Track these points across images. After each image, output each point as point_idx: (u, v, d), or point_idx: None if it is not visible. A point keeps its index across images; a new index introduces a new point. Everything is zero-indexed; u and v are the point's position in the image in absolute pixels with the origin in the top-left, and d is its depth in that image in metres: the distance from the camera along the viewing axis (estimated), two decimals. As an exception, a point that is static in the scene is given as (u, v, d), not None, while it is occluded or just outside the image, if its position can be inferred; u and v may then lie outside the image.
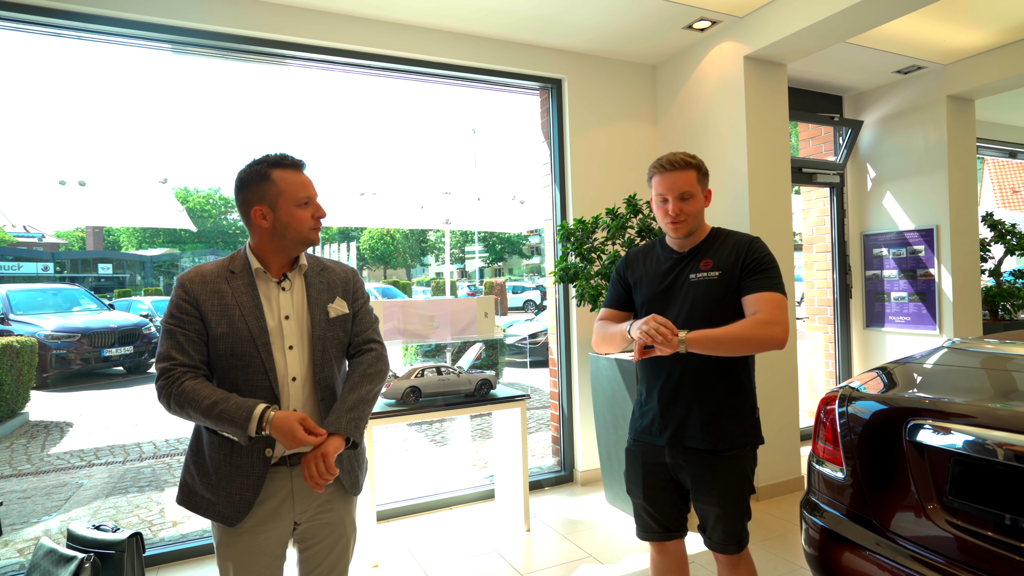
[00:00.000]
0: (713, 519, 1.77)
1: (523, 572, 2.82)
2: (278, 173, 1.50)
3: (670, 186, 1.77)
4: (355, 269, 1.73)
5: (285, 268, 1.57)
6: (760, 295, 1.69)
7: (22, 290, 10.32)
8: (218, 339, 1.46)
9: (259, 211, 1.49)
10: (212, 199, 34.99)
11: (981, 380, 1.78)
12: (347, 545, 1.65)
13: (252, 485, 1.47)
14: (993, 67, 4.06)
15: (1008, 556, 1.33)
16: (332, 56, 3.34)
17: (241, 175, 1.52)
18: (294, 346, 1.53)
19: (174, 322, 1.46)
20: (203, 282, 1.49)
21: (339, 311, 1.60)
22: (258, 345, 1.47)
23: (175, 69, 44.24)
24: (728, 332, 1.63)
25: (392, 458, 4.96)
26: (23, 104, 33.33)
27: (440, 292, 21.16)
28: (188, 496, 1.53)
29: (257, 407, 1.40)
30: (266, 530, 1.52)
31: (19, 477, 4.89)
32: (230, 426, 1.39)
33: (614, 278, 2.00)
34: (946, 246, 4.30)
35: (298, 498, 1.55)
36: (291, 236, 1.51)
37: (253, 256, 1.54)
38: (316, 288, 1.59)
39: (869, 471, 1.68)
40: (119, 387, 9.12)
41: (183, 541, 3.15)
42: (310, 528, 1.59)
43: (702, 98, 3.84)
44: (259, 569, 1.52)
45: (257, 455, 1.48)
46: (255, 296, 1.50)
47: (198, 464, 1.52)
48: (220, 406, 1.39)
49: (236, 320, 1.47)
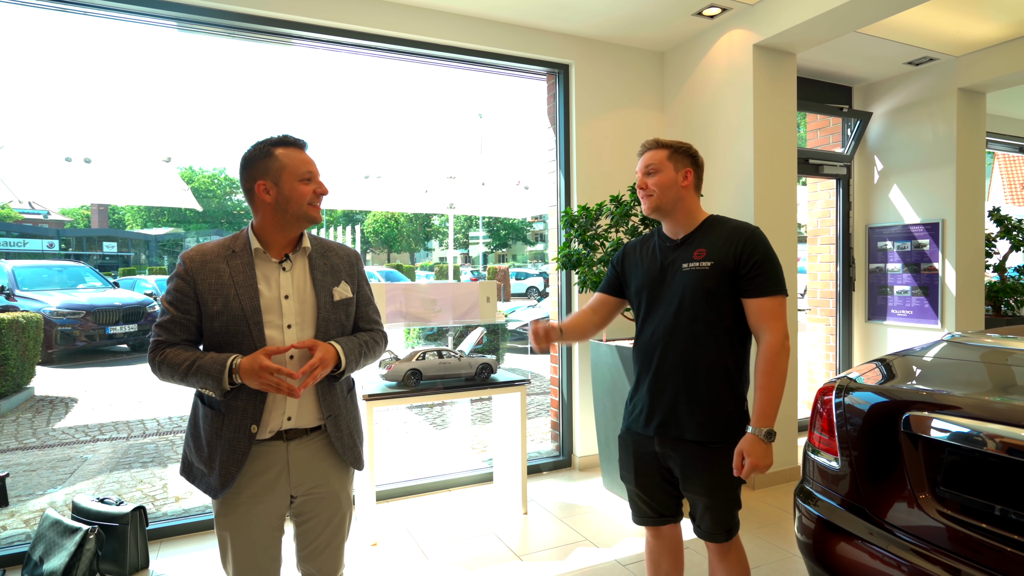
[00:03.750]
0: (701, 509, 1.78)
1: (520, 554, 2.86)
2: (281, 151, 1.54)
3: (640, 165, 1.85)
4: (358, 252, 1.76)
5: (287, 248, 1.60)
6: (762, 304, 1.70)
7: (28, 266, 10.36)
8: (213, 317, 1.51)
9: (263, 185, 1.53)
10: (217, 179, 34.97)
11: (980, 373, 1.79)
12: (343, 519, 1.69)
13: (236, 459, 1.51)
14: (1006, 60, 4.01)
15: (997, 546, 1.35)
16: (339, 37, 3.32)
17: (246, 155, 1.57)
18: (292, 325, 1.56)
19: (170, 298, 1.53)
20: (203, 261, 1.53)
21: (343, 295, 1.64)
22: (250, 324, 1.50)
23: (181, 47, 44.00)
24: (773, 392, 1.68)
25: (392, 440, 5.01)
26: (30, 81, 33.25)
27: (443, 277, 21.17)
28: (187, 467, 1.61)
29: (229, 357, 1.46)
30: (261, 502, 1.55)
31: (25, 450, 4.96)
32: (207, 379, 1.45)
33: (610, 264, 2.04)
34: (951, 240, 4.28)
35: (294, 472, 1.58)
36: (292, 210, 1.54)
37: (254, 236, 1.57)
38: (320, 270, 1.62)
39: (864, 461, 1.69)
40: (123, 364, 9.19)
41: (185, 516, 3.20)
42: (307, 502, 1.62)
43: (710, 86, 3.81)
44: (257, 540, 1.56)
45: (243, 430, 1.51)
46: (251, 276, 1.53)
47: (194, 436, 1.58)
48: (198, 362, 1.46)
49: (231, 299, 1.51)
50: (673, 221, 1.84)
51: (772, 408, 1.67)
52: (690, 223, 1.83)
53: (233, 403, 1.51)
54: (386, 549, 2.91)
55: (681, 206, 1.82)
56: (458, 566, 2.75)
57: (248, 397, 1.51)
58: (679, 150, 1.83)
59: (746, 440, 1.66)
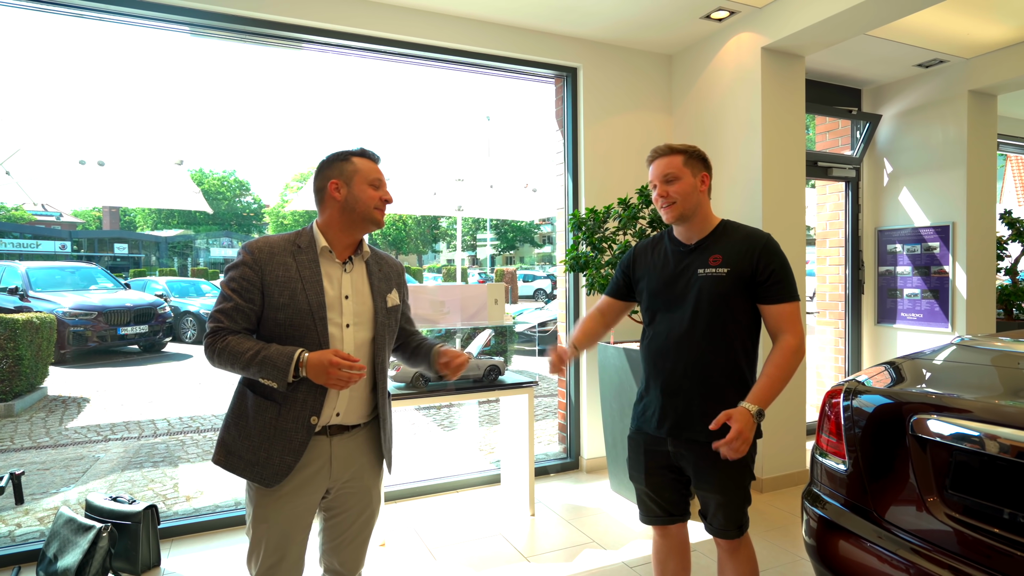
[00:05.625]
0: (714, 507, 1.80)
1: (527, 555, 2.87)
2: (358, 159, 1.64)
3: (656, 172, 1.84)
4: (402, 263, 1.88)
5: (349, 250, 1.66)
6: (781, 309, 1.75)
7: (41, 267, 10.49)
8: (279, 309, 1.53)
9: (335, 184, 1.60)
10: (227, 181, 35.21)
11: (990, 377, 1.78)
12: (371, 516, 1.72)
13: (294, 449, 1.53)
14: (1017, 62, 3.99)
15: (1006, 550, 1.35)
16: (348, 41, 3.35)
17: (325, 158, 1.66)
18: (351, 325, 1.61)
19: (234, 286, 1.53)
20: (271, 252, 1.56)
21: (394, 302, 1.73)
22: (315, 319, 1.54)
23: (193, 52, 44.38)
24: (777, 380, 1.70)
25: (401, 441, 5.03)
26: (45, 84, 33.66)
27: (451, 279, 21.22)
28: (225, 456, 1.58)
29: (297, 350, 1.48)
30: (301, 494, 1.58)
31: (39, 449, 5.02)
32: (272, 369, 1.46)
33: (618, 267, 2.05)
34: (962, 243, 4.26)
35: (335, 467, 1.62)
36: (359, 210, 1.60)
37: (320, 234, 1.63)
38: (376, 277, 1.70)
39: (871, 464, 1.69)
40: (134, 365, 9.28)
41: (196, 515, 3.23)
42: (340, 497, 1.66)
43: (718, 89, 3.81)
44: (291, 532, 1.58)
45: (302, 421, 1.54)
46: (317, 272, 1.58)
47: (240, 426, 1.57)
48: (263, 352, 1.47)
49: (298, 293, 1.54)
50: (690, 227, 1.85)
51: (771, 394, 1.69)
52: (704, 228, 1.84)
53: (293, 394, 1.53)
54: (394, 549, 2.93)
55: (700, 211, 1.83)
56: (466, 567, 2.76)
57: (308, 389, 1.54)
58: (693, 155, 1.84)
59: (738, 410, 1.65)
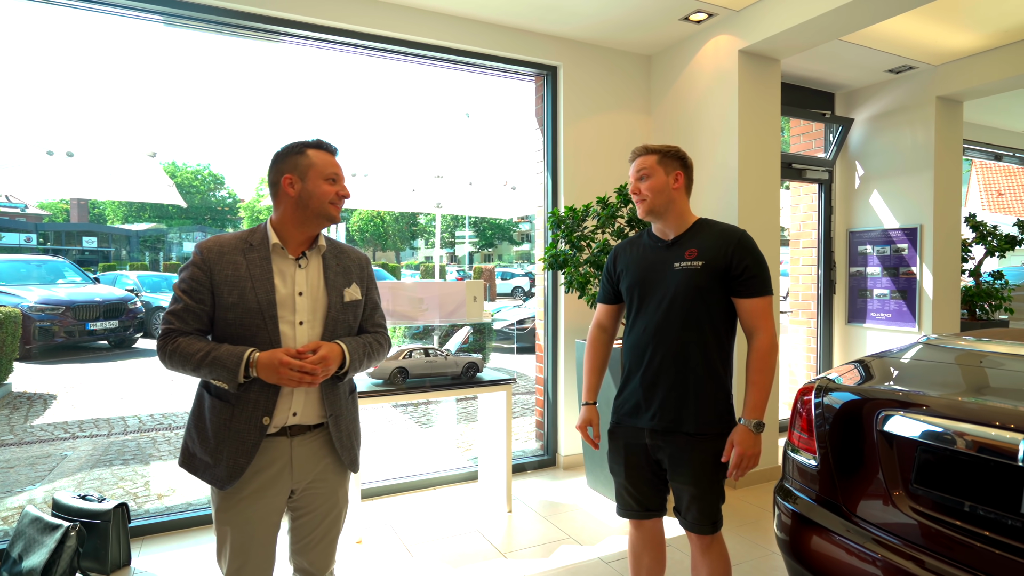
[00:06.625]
0: (687, 499, 1.84)
1: (504, 551, 2.88)
2: (313, 151, 1.60)
3: (632, 170, 1.92)
4: (368, 257, 1.80)
5: (304, 246, 1.62)
6: (754, 304, 1.80)
7: (5, 260, 10.17)
8: (228, 308, 1.51)
9: (288, 179, 1.57)
10: (201, 175, 34.50)
11: (954, 375, 1.84)
12: (339, 516, 1.71)
13: (246, 451, 1.51)
14: (983, 69, 4.11)
15: (966, 541, 1.40)
16: (327, 35, 3.32)
17: (279, 151, 1.61)
18: (304, 322, 1.58)
19: (184, 287, 1.52)
20: (220, 252, 1.54)
21: (353, 296, 1.67)
22: (265, 318, 1.52)
23: (167, 42, 43.30)
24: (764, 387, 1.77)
25: (377, 438, 5.00)
26: (9, 71, 32.60)
27: (429, 276, 21.11)
28: (188, 459, 1.59)
29: (247, 350, 1.46)
30: (264, 497, 1.56)
31: (2, 447, 4.88)
32: (222, 370, 1.44)
33: (604, 272, 2.10)
34: (929, 245, 4.38)
35: (296, 467, 1.60)
36: (313, 207, 1.57)
37: (273, 231, 1.59)
38: (333, 271, 1.65)
39: (840, 459, 1.74)
40: (104, 361, 9.06)
41: (167, 513, 3.18)
42: (305, 497, 1.64)
43: (696, 90, 3.86)
44: (256, 535, 1.57)
45: (255, 422, 1.52)
46: (268, 270, 1.55)
47: (199, 428, 1.57)
48: (213, 353, 1.46)
49: (247, 292, 1.52)
50: (665, 223, 1.90)
51: (763, 402, 1.76)
52: (681, 224, 1.90)
53: (245, 395, 1.51)
54: (371, 547, 2.92)
55: (673, 208, 1.89)
56: (443, 563, 2.76)
57: (260, 389, 1.52)
58: (668, 154, 1.90)
59: (738, 431, 1.76)
